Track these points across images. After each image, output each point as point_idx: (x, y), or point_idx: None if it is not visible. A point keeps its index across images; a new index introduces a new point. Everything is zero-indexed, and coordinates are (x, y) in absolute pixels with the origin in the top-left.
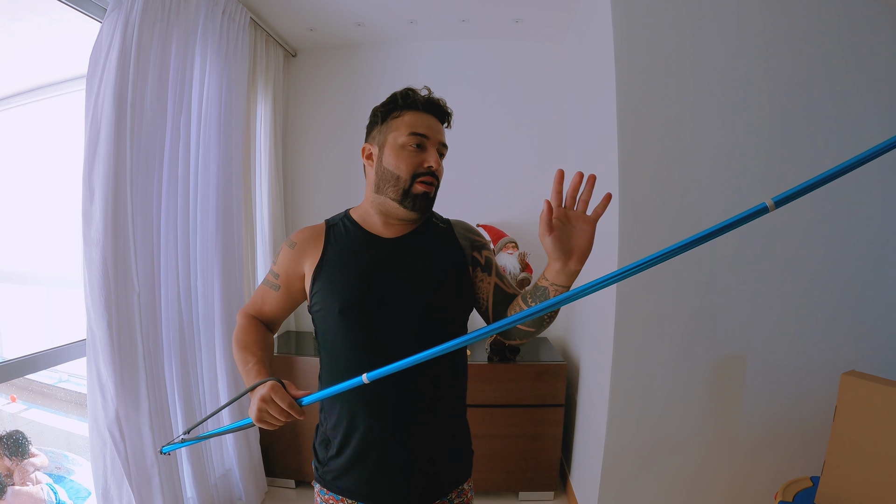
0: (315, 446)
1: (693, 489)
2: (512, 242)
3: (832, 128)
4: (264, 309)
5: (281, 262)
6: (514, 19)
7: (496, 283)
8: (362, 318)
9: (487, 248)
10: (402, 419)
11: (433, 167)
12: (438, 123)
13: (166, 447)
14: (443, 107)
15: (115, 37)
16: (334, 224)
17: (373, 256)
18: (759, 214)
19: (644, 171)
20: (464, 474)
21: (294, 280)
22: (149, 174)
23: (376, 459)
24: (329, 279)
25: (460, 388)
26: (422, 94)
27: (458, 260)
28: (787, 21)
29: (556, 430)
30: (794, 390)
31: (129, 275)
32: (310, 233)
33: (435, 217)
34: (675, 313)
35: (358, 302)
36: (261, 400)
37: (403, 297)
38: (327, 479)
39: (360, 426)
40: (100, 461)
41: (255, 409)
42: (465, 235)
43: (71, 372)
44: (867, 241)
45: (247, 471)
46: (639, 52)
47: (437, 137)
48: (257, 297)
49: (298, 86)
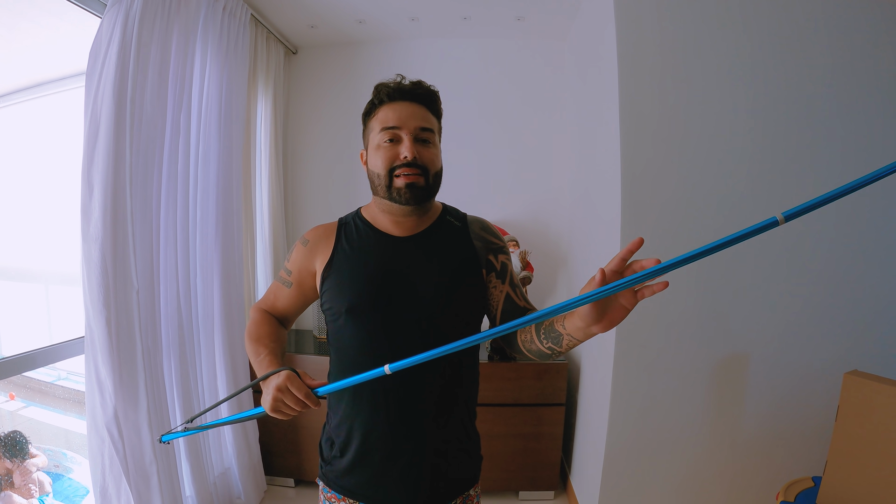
0: (321, 444)
1: (694, 488)
2: (513, 241)
3: (839, 127)
4: (277, 305)
5: (294, 259)
6: (515, 17)
7: (508, 292)
8: (369, 317)
9: (504, 252)
10: (406, 422)
11: (407, 157)
12: (417, 108)
13: (166, 436)
14: (415, 89)
15: (115, 32)
16: (346, 223)
17: (382, 256)
18: (770, 227)
19: (647, 170)
20: (470, 481)
21: (306, 277)
22: (148, 171)
23: (379, 461)
24: (338, 278)
25: (469, 394)
26: (392, 83)
27: (470, 262)
28: (793, 19)
29: (556, 429)
30: (796, 390)
31: (128, 272)
32: (322, 231)
33: (450, 214)
34: (677, 312)
35: (365, 302)
36: (276, 389)
37: (411, 297)
38: (330, 477)
39: (364, 427)
40: (98, 459)
41: (271, 398)
42: (481, 236)
43: (70, 370)
44: (870, 241)
45: (246, 469)
46: (642, 50)
47: (412, 124)
48: (270, 292)
49: (299, 83)
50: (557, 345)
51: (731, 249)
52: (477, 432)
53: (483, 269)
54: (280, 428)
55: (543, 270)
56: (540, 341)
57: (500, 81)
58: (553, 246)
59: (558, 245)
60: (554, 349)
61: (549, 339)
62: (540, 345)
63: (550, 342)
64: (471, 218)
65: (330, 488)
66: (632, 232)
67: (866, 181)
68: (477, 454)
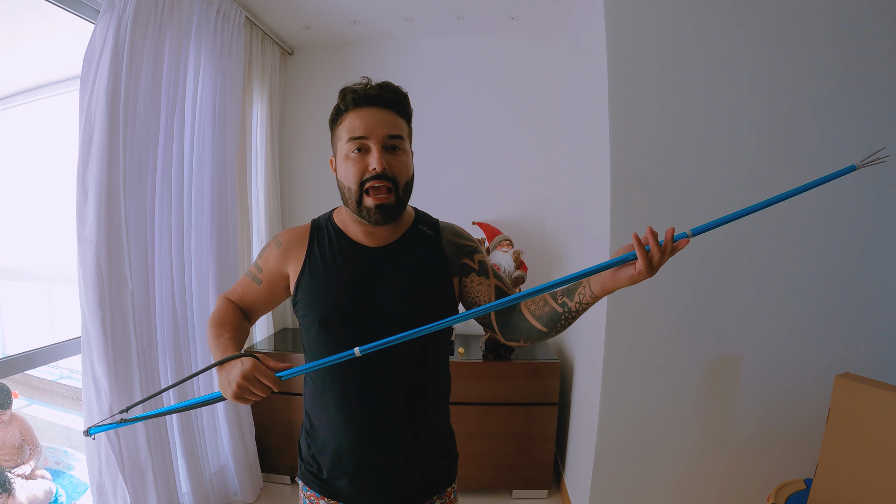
0: (299, 443)
1: (685, 490)
2: (507, 240)
3: (827, 125)
4: (245, 299)
5: (266, 258)
6: (509, 16)
7: (497, 284)
8: (342, 329)
9: (479, 252)
10: (378, 423)
11: (377, 169)
12: (384, 114)
13: (94, 428)
14: (381, 93)
15: (108, 38)
16: (319, 227)
17: (355, 269)
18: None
19: (636, 169)
20: (447, 480)
21: (277, 279)
22: (142, 174)
23: (355, 461)
24: (311, 289)
25: (440, 394)
26: (358, 88)
27: (442, 271)
28: (782, 16)
29: (549, 428)
30: (787, 392)
31: (123, 273)
32: (295, 234)
33: (422, 223)
34: (667, 313)
35: (337, 314)
36: (242, 377)
37: (383, 309)
38: (308, 477)
39: (337, 428)
40: (95, 456)
41: (235, 385)
42: (453, 242)
43: (72, 368)
44: (862, 243)
45: (242, 466)
46: (631, 49)
47: (380, 132)
48: (239, 286)
49: (295, 84)
50: (571, 298)
51: (724, 249)
52: (451, 430)
53: (456, 276)
54: (276, 425)
55: (538, 270)
56: (556, 302)
57: (494, 81)
58: (548, 245)
59: (553, 244)
60: (567, 304)
61: (565, 295)
62: (554, 303)
63: (565, 297)
64: (443, 225)
65: (310, 487)
66: (621, 231)
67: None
68: (453, 452)
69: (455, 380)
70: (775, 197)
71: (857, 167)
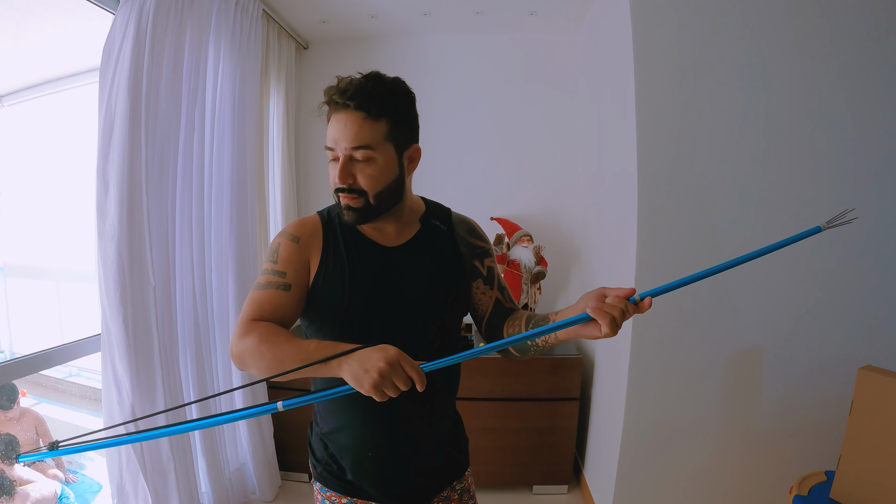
0: (311, 443)
1: (708, 482)
2: (527, 236)
3: (857, 125)
4: (278, 313)
5: (287, 258)
6: (528, 11)
7: (497, 297)
8: (357, 329)
9: (490, 255)
10: (402, 425)
11: (338, 183)
12: (352, 119)
13: (22, 456)
14: (347, 97)
15: (129, 28)
16: (330, 220)
17: (371, 269)
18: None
19: (664, 166)
20: (463, 465)
21: (304, 278)
22: (164, 167)
23: (378, 462)
24: (328, 288)
25: (453, 384)
26: (333, 87)
27: (456, 270)
28: (813, 12)
29: (570, 423)
30: (810, 384)
31: (145, 269)
32: (310, 227)
33: (434, 217)
34: (692, 307)
35: (353, 315)
36: (388, 364)
37: (398, 309)
38: (327, 478)
39: (360, 432)
40: (115, 456)
41: (376, 372)
42: (467, 241)
43: (82, 366)
44: (884, 234)
45: (261, 465)
46: (659, 44)
47: (343, 145)
48: (260, 303)
49: (310, 78)
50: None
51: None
52: (459, 416)
53: (468, 276)
54: (294, 423)
55: (556, 265)
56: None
57: (513, 76)
58: (566, 240)
59: (571, 239)
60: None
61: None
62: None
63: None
64: (455, 218)
65: (329, 488)
66: (649, 230)
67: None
68: (463, 437)
69: (477, 376)
70: (733, 260)
71: (822, 229)
